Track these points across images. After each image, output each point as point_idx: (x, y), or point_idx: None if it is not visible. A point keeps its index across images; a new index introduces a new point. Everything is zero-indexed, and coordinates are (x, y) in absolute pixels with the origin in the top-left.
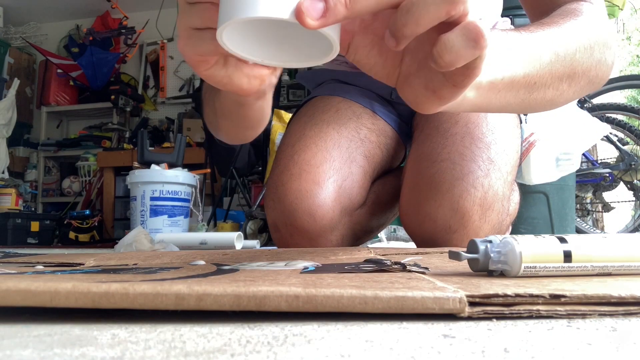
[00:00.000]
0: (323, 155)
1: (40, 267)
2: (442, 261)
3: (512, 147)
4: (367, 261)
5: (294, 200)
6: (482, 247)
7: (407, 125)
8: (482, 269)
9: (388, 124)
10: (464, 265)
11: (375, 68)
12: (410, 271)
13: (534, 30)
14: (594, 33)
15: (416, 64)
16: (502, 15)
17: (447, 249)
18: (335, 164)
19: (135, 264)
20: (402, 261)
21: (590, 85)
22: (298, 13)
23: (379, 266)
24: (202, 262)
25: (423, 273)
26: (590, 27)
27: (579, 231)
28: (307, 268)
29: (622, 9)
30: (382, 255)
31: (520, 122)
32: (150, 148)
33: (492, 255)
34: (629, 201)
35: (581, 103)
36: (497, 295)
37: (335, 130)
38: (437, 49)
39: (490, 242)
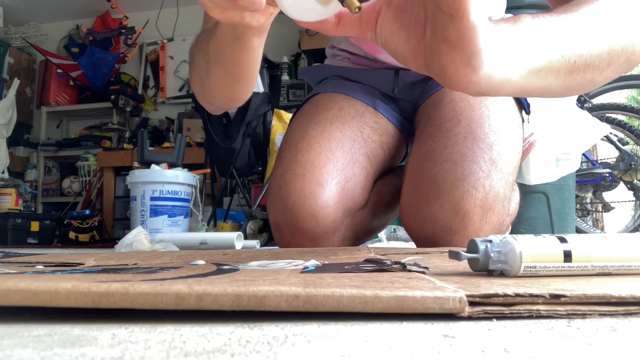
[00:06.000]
0: (326, 155)
1: (40, 267)
2: (442, 261)
3: (514, 148)
4: (367, 261)
5: (296, 200)
6: (482, 246)
7: (409, 122)
8: (482, 268)
9: (390, 122)
10: (464, 265)
11: (400, 44)
12: (410, 271)
13: (566, 12)
14: (627, 8)
15: (433, 29)
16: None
17: (447, 249)
18: (339, 164)
19: (135, 264)
20: (402, 261)
21: (628, 62)
22: None
23: (379, 266)
24: (202, 262)
25: (423, 273)
26: (623, 4)
27: (579, 231)
28: (307, 268)
29: None
30: (382, 255)
31: (523, 122)
32: (150, 148)
33: (492, 254)
34: (629, 201)
35: (581, 103)
36: (497, 295)
37: (338, 129)
38: None
39: (490, 241)
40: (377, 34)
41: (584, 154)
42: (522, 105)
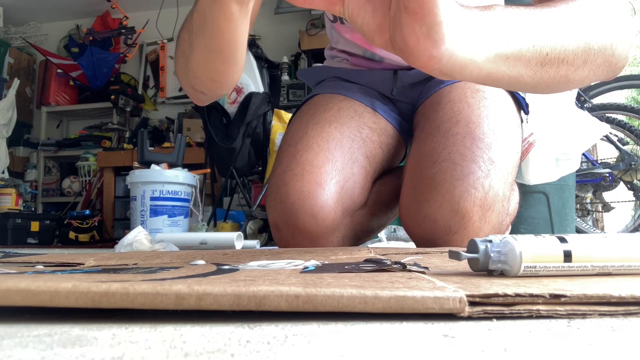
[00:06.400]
0: (325, 155)
1: (40, 267)
2: (442, 261)
3: (513, 148)
4: (367, 261)
5: (296, 200)
6: (482, 246)
7: (408, 123)
8: (482, 268)
9: (389, 123)
10: (464, 265)
11: (366, 19)
12: (410, 271)
13: (544, 6)
14: (609, 11)
15: (397, 1)
16: None
17: (447, 249)
18: (338, 164)
19: (135, 264)
20: (402, 261)
21: (607, 64)
22: None
23: (379, 266)
24: (202, 262)
25: (423, 273)
26: (604, 5)
27: (579, 231)
28: (307, 268)
29: None
30: (382, 255)
31: (522, 122)
32: (150, 148)
33: (492, 254)
34: (629, 201)
35: (581, 103)
36: (497, 295)
37: (337, 129)
38: None
39: (490, 241)
40: (344, 8)
41: (583, 154)
42: (521, 105)
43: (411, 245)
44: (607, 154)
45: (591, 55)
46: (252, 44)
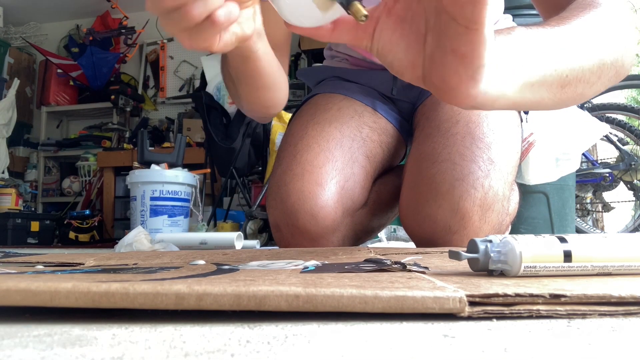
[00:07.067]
0: (325, 155)
1: (40, 267)
2: (442, 261)
3: (512, 147)
4: (367, 261)
5: (296, 200)
6: (482, 246)
7: (408, 122)
8: (482, 268)
9: (389, 122)
10: (464, 265)
11: (398, 55)
12: (410, 271)
13: (559, 24)
14: (617, 22)
15: (437, 40)
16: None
17: (447, 249)
18: (338, 164)
19: (135, 264)
20: (402, 261)
21: (617, 76)
22: None
23: (379, 266)
24: (202, 262)
25: (423, 273)
26: (612, 16)
27: (579, 231)
28: (307, 268)
29: None
30: (382, 255)
31: (521, 122)
32: (150, 148)
33: (492, 254)
34: (629, 201)
35: (581, 103)
36: (497, 295)
37: (337, 129)
38: None
39: (490, 241)
40: (373, 43)
41: (584, 154)
42: None
43: (411, 245)
44: (607, 154)
45: (605, 70)
46: None
